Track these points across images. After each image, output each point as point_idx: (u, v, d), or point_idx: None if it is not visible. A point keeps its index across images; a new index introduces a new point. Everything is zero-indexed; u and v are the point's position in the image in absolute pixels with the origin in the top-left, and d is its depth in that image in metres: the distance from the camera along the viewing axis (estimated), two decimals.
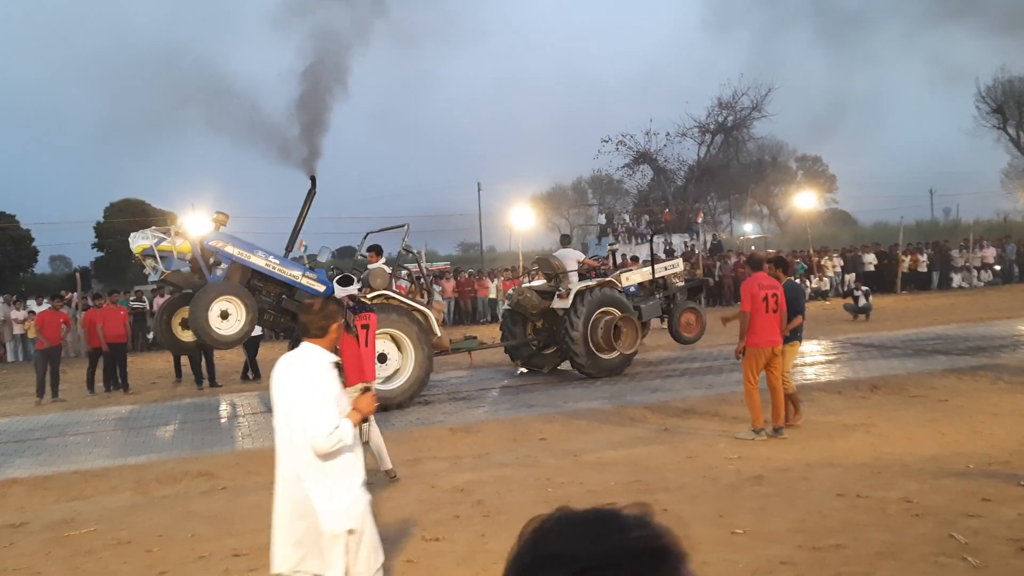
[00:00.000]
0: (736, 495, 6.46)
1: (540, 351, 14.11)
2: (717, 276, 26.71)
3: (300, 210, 12.32)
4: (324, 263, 12.34)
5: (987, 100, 45.27)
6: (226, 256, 11.07)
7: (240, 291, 10.69)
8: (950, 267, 29.37)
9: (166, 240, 10.77)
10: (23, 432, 11.17)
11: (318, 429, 3.63)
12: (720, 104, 44.87)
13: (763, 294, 8.25)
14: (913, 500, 5.90)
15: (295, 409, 3.73)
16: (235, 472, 8.32)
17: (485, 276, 26.79)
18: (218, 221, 11.38)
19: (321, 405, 3.68)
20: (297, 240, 12.41)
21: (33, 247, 41.81)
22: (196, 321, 10.36)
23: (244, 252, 11.08)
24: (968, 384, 10.69)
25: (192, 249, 10.90)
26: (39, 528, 6.83)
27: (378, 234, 13.72)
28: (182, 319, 11.52)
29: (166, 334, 11.61)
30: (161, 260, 10.72)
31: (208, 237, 11.06)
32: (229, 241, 11.08)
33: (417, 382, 11.25)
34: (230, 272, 11.13)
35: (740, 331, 8.46)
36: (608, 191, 59.42)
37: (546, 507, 4.30)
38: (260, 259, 11.16)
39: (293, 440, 3.78)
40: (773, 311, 8.29)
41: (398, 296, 11.43)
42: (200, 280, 10.97)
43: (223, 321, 10.47)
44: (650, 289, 14.48)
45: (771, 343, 8.32)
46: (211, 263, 11.18)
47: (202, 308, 10.33)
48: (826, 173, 56.74)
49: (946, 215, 52.84)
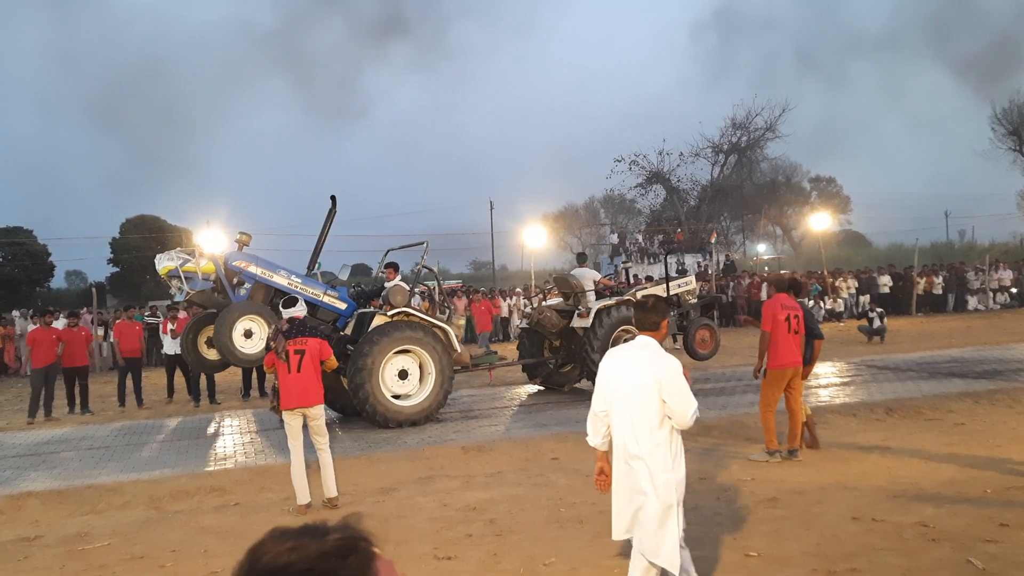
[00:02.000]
0: (750, 517, 6.41)
1: (558, 369, 14.17)
2: (730, 297, 26.64)
3: (321, 228, 12.40)
4: (344, 281, 12.40)
5: (1003, 122, 45.16)
6: (249, 276, 11.17)
7: (263, 310, 10.79)
8: (966, 289, 29.16)
9: (191, 261, 10.87)
10: (38, 445, 11.23)
11: (687, 409, 4.17)
12: (734, 124, 44.98)
13: (784, 315, 8.26)
14: (930, 524, 5.85)
15: (670, 392, 4.17)
16: (247, 488, 8.34)
17: (497, 295, 26.81)
18: (241, 241, 11.49)
19: (685, 389, 4.20)
20: (318, 258, 12.49)
21: (50, 262, 42.23)
22: (221, 340, 10.46)
23: (267, 272, 11.19)
24: (985, 408, 10.59)
25: (216, 269, 11.00)
26: (53, 542, 6.86)
27: (398, 251, 13.83)
28: (207, 338, 11.61)
29: (192, 353, 11.68)
30: (186, 281, 10.82)
31: (231, 257, 11.18)
32: (252, 261, 11.19)
33: (438, 398, 11.30)
34: (253, 291, 11.24)
35: (759, 351, 8.45)
36: (621, 211, 59.53)
37: (558, 526, 4.32)
38: (283, 278, 11.26)
39: (634, 422, 4.22)
40: (795, 332, 8.29)
41: (418, 313, 11.48)
42: (224, 300, 11.08)
43: (247, 340, 10.57)
44: None
45: (793, 364, 8.31)
46: (235, 283, 11.29)
47: (227, 327, 10.45)
48: (840, 194, 56.67)
49: (961, 237, 52.62)
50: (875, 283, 27.96)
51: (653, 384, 4.18)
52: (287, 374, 7.36)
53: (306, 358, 7.37)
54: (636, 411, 4.23)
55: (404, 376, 11.16)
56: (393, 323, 11.13)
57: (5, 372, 21.90)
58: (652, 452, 4.20)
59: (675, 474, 4.24)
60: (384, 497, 7.72)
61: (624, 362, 4.37)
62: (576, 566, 5.53)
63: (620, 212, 59.67)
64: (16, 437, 12.06)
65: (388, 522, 6.87)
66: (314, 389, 7.45)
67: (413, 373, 11.26)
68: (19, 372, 21.62)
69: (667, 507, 4.19)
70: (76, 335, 14.11)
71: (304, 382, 7.37)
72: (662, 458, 4.21)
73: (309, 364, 7.38)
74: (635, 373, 4.27)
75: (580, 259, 15.31)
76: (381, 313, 11.25)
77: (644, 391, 4.21)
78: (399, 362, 11.13)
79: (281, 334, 7.48)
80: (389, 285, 11.84)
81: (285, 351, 7.36)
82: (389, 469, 8.76)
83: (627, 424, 4.26)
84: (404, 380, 11.16)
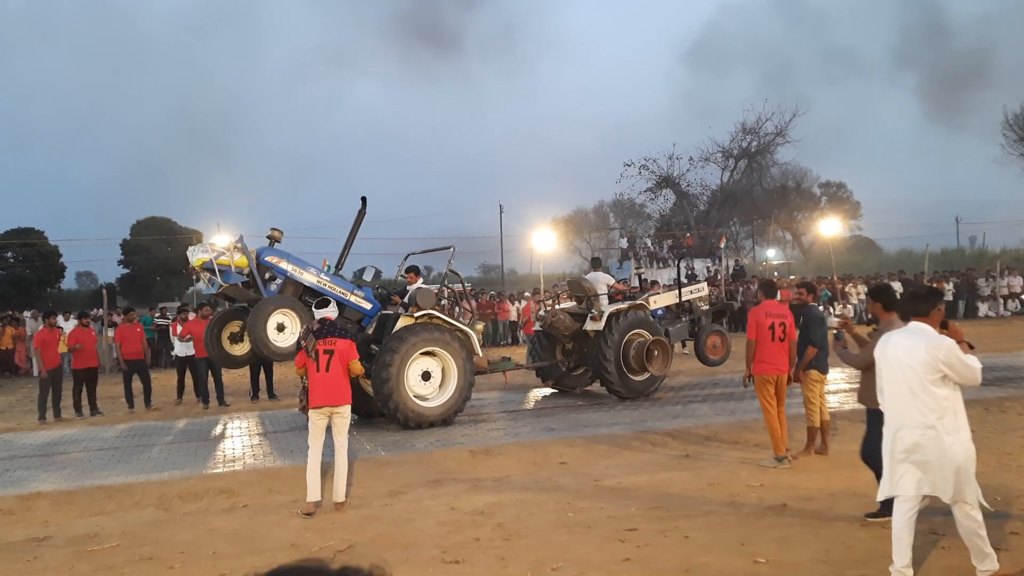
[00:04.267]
0: (759, 524, 6.40)
1: (569, 372, 14.26)
2: (739, 302, 26.57)
3: (350, 230, 12.52)
4: (369, 282, 12.49)
5: (1014, 128, 44.87)
6: (281, 272, 11.29)
7: (296, 304, 10.91)
8: (976, 296, 29.01)
9: (225, 254, 10.93)
10: (48, 446, 11.29)
11: (975, 371, 4.78)
12: (744, 129, 44.88)
13: (769, 322, 8.31)
14: (939, 532, 5.81)
15: (952, 367, 4.73)
16: (256, 490, 8.36)
17: (506, 299, 26.81)
18: (273, 237, 11.60)
19: (963, 360, 4.76)
20: (345, 257, 12.58)
21: (60, 263, 42.41)
22: (255, 332, 10.56)
23: (298, 268, 11.29)
24: (995, 415, 10.54)
25: (249, 263, 11.07)
26: (63, 543, 6.89)
27: (420, 255, 13.96)
28: (231, 333, 11.68)
29: (216, 348, 11.75)
30: (220, 274, 10.89)
31: (264, 252, 11.28)
32: (284, 257, 11.30)
33: (459, 400, 11.39)
34: (284, 287, 11.37)
35: (746, 359, 8.50)
36: (630, 215, 59.39)
37: (566, 531, 4.32)
38: (312, 276, 11.35)
39: (918, 396, 4.80)
40: (780, 339, 8.30)
41: (442, 316, 11.56)
42: (255, 294, 11.17)
43: (279, 333, 10.68)
44: (676, 312, 14.62)
45: (776, 371, 8.33)
46: (266, 278, 11.38)
47: (261, 320, 10.56)
48: (850, 199, 56.38)
49: (972, 243, 52.27)
50: None
51: (931, 362, 4.75)
52: (316, 373, 7.46)
53: (335, 358, 7.47)
54: (915, 386, 4.82)
55: (427, 378, 11.26)
56: (419, 324, 11.23)
57: (16, 373, 22.02)
58: (940, 419, 4.79)
59: (961, 434, 4.85)
60: (392, 500, 7.73)
61: (901, 344, 4.93)
62: (584, 571, 5.52)
63: (630, 216, 59.56)
64: (26, 437, 12.13)
65: (396, 525, 6.88)
66: (342, 389, 7.55)
67: (435, 375, 11.35)
68: (29, 373, 21.73)
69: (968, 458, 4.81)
70: (89, 336, 14.15)
71: (333, 381, 7.47)
72: (951, 422, 4.81)
73: (338, 364, 7.48)
74: (912, 353, 4.83)
75: (595, 264, 15.49)
76: (407, 315, 11.32)
77: (923, 368, 4.78)
78: (422, 363, 11.22)
79: (312, 333, 7.56)
80: (411, 289, 11.93)
81: (315, 350, 7.46)
82: (397, 472, 8.76)
83: (907, 397, 4.86)
84: (426, 382, 11.26)
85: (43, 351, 13.62)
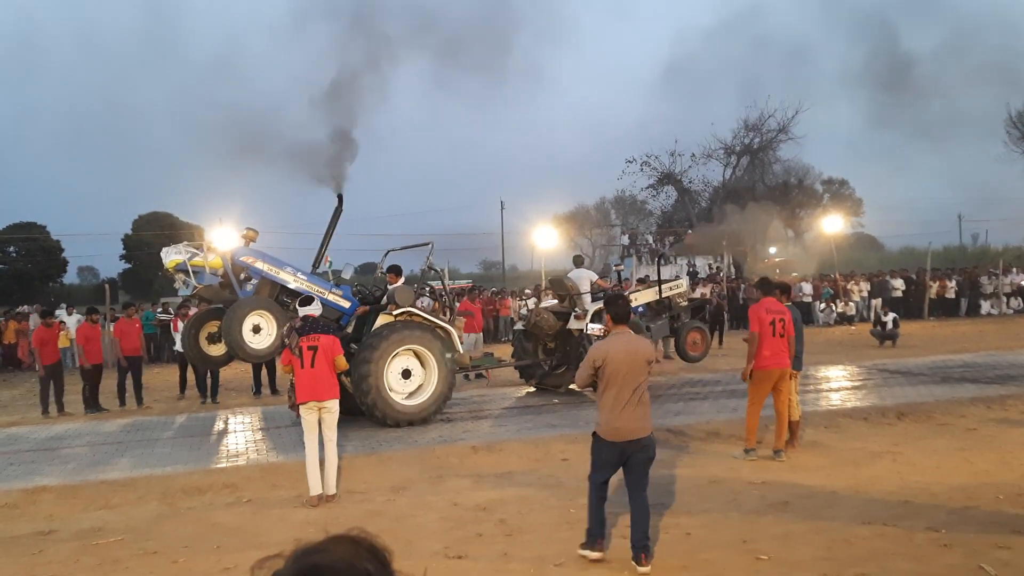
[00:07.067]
0: (760, 521, 6.42)
1: (552, 371, 14.17)
2: (741, 299, 26.56)
3: (327, 227, 12.41)
4: (348, 280, 12.43)
5: (1017, 125, 44.79)
6: (256, 272, 11.18)
7: (271, 306, 10.81)
8: (979, 294, 29.00)
9: (199, 255, 10.89)
10: (51, 440, 11.32)
11: None
12: (746, 126, 44.78)
13: (770, 318, 8.45)
14: (941, 530, 5.84)
15: None
16: (259, 485, 8.38)
17: (507, 295, 26.79)
18: (248, 237, 11.49)
19: None
20: (324, 256, 12.51)
21: (63, 258, 42.51)
22: (230, 335, 10.45)
23: (273, 268, 11.18)
24: (997, 413, 10.55)
25: (223, 264, 11.02)
26: (68, 536, 6.93)
27: (400, 252, 13.78)
28: (208, 333, 11.63)
29: (194, 349, 11.70)
30: (193, 275, 10.86)
31: (238, 252, 11.17)
32: (259, 257, 11.19)
33: (440, 398, 11.29)
34: (259, 287, 11.25)
35: (748, 354, 8.58)
36: (632, 212, 59.30)
37: (568, 527, 4.35)
38: (289, 275, 11.25)
39: None
40: (780, 335, 8.45)
41: (421, 313, 11.50)
42: (231, 295, 11.09)
43: (255, 335, 10.58)
44: (657, 309, 14.59)
45: (779, 365, 8.46)
46: (241, 278, 11.30)
47: (236, 322, 10.43)
48: (853, 196, 56.29)
49: (974, 241, 52.28)
50: (887, 287, 27.83)
51: None
52: (301, 369, 7.55)
53: (319, 354, 7.55)
54: None
55: (407, 376, 11.15)
56: (399, 322, 11.17)
57: (19, 367, 22.06)
58: None
59: None
60: (395, 496, 7.76)
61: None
62: (586, 567, 5.55)
63: (631, 213, 59.48)
64: (30, 432, 12.16)
65: (399, 520, 6.91)
66: (328, 383, 7.63)
67: (416, 373, 11.27)
68: (32, 367, 21.74)
69: None
70: (96, 332, 14.12)
71: (318, 376, 7.55)
72: None
73: (322, 359, 7.56)
74: None
75: (577, 261, 15.19)
76: (386, 312, 11.28)
77: None
78: (402, 361, 11.15)
79: (295, 331, 7.62)
80: (392, 287, 11.85)
81: (299, 347, 7.52)
82: (400, 468, 8.79)
83: None
84: (407, 380, 11.16)
85: (41, 349, 13.61)
